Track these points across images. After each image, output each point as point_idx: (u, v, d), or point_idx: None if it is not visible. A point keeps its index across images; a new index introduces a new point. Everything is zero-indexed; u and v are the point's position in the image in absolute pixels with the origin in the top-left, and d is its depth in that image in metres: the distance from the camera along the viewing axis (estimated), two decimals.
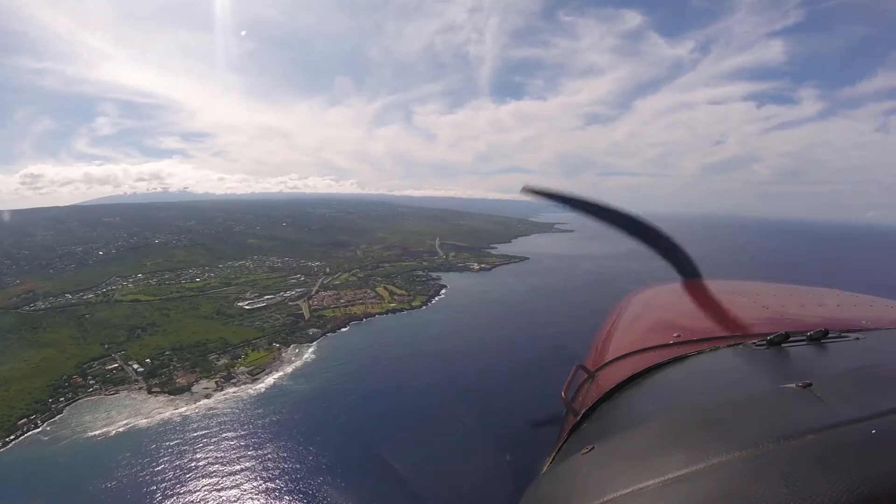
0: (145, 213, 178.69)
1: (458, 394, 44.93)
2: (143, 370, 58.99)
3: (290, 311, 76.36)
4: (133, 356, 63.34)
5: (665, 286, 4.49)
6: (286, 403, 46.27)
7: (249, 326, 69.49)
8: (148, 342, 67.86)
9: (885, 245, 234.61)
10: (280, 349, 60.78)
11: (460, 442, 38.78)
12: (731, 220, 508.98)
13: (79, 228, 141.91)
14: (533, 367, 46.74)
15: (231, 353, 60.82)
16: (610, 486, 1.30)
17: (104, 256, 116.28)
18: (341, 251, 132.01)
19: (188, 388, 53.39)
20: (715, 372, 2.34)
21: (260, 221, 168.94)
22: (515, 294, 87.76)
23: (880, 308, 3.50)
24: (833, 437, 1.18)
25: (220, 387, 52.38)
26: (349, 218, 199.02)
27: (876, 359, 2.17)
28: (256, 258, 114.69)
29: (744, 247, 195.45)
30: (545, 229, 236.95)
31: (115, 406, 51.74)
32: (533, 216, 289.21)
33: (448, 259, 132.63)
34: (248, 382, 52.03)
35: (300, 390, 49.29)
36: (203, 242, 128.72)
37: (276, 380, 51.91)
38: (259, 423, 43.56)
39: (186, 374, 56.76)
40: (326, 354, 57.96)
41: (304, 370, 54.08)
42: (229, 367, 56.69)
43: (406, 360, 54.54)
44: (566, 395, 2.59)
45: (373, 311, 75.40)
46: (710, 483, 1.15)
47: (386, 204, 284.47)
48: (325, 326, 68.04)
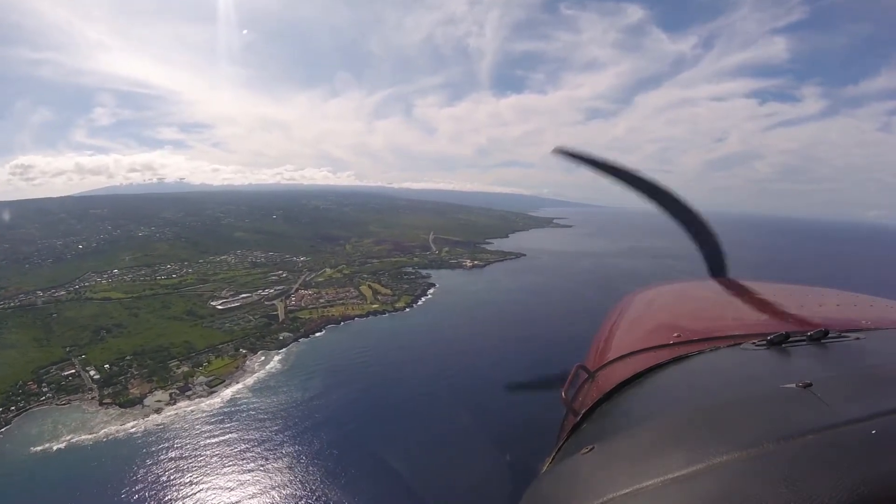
0: (136, 204, 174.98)
1: (431, 417, 40.53)
2: (100, 377, 55.87)
3: (266, 311, 72.05)
4: (93, 361, 60.05)
5: (665, 286, 4.50)
6: (238, 423, 42.07)
7: (219, 329, 65.27)
8: (111, 345, 64.23)
9: (888, 245, 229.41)
10: (245, 356, 56.51)
11: (434, 470, 34.65)
12: (736, 218, 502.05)
13: (64, 221, 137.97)
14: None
15: (193, 360, 56.69)
16: (610, 486, 1.29)
17: (83, 250, 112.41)
18: (330, 246, 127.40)
19: (140, 400, 49.61)
20: (715, 372, 2.32)
21: (250, 214, 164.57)
22: (506, 295, 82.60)
23: (880, 308, 3.44)
24: (833, 437, 1.17)
25: (174, 400, 48.28)
26: (343, 211, 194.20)
27: (876, 359, 2.16)
28: (240, 253, 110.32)
29: (762, 247, 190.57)
30: (544, 224, 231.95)
31: (64, 418, 48.48)
32: (532, 210, 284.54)
33: (441, 255, 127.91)
34: (204, 396, 47.77)
35: (256, 408, 44.86)
36: (187, 236, 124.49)
37: (234, 393, 47.57)
38: (203, 445, 39.37)
39: (142, 384, 52.84)
40: (294, 363, 53.49)
41: (267, 382, 49.65)
42: (188, 376, 52.55)
43: (378, 373, 50.16)
44: (566, 395, 2.55)
45: (352, 314, 70.83)
46: (710, 483, 1.15)
47: (383, 196, 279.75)
48: (298, 330, 63.69)
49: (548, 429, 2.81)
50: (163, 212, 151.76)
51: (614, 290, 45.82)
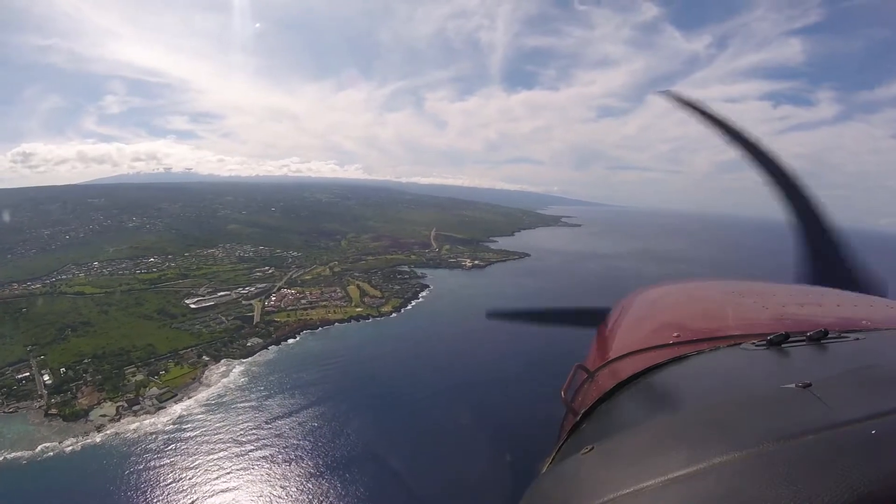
0: (136, 194, 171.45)
1: (393, 455, 34.53)
2: (52, 383, 52.09)
3: (242, 311, 66.75)
4: (51, 363, 56.35)
5: (665, 286, 4.36)
6: (176, 450, 36.69)
7: (187, 331, 60.13)
8: (72, 346, 59.91)
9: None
10: (206, 365, 51.13)
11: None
12: (746, 221, 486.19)
13: (57, 211, 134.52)
14: (508, 417, 35.92)
15: (151, 367, 51.71)
16: (610, 486, 1.29)
17: (69, 241, 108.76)
18: (325, 240, 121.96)
19: (86, 413, 45.20)
20: (715, 372, 2.31)
21: (248, 205, 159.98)
22: (502, 301, 75.78)
23: (880, 308, 3.37)
24: (833, 437, 1.17)
25: (119, 415, 43.30)
26: (346, 204, 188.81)
27: (876, 359, 2.11)
28: (229, 247, 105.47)
29: (773, 251, 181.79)
30: (551, 222, 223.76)
31: (6, 428, 44.97)
32: (540, 208, 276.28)
33: (440, 253, 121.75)
34: (150, 412, 42.48)
35: (201, 431, 39.26)
36: (179, 227, 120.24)
37: (183, 410, 42.10)
38: (129, 477, 33.81)
39: (92, 393, 48.30)
40: (255, 376, 47.82)
41: (221, 398, 44.05)
42: (140, 386, 47.49)
43: (344, 391, 44.27)
44: (566, 395, 2.56)
45: (332, 318, 65.01)
46: (711, 483, 1.14)
47: (389, 190, 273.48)
48: (269, 336, 58.12)
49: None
50: (158, 202, 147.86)
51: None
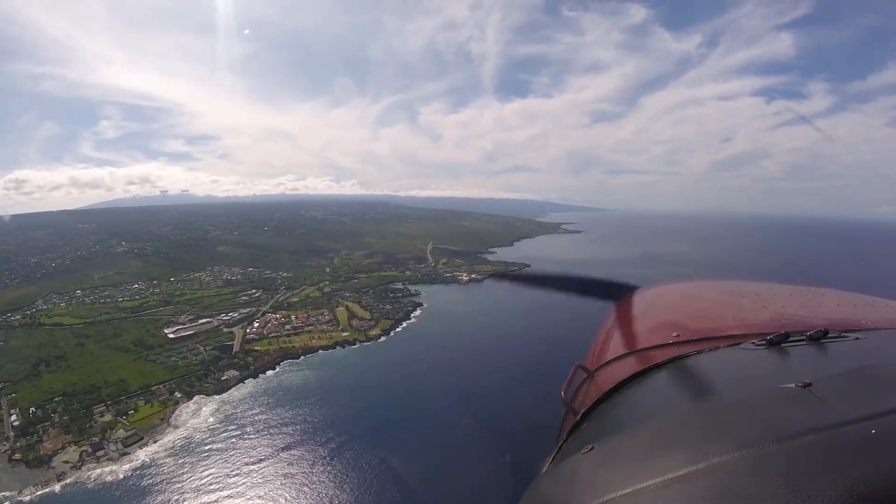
0: (128, 218, 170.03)
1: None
2: (21, 423, 49.18)
3: (221, 340, 63.64)
4: (20, 401, 53.46)
5: (665, 286, 4.36)
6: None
7: (162, 364, 56.96)
8: (45, 382, 56.99)
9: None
10: (178, 402, 47.81)
11: None
12: (744, 220, 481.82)
13: (46, 237, 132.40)
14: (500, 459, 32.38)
15: (121, 406, 48.53)
16: (610, 486, 1.29)
17: (56, 268, 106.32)
18: (317, 259, 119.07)
19: (50, 458, 42.31)
20: (715, 372, 2.30)
21: (241, 226, 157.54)
22: (497, 318, 71.80)
23: (880, 308, 3.44)
24: (833, 437, 1.17)
25: (82, 461, 40.09)
26: (342, 220, 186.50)
27: (876, 359, 2.15)
28: (216, 269, 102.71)
29: (774, 249, 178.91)
30: (551, 230, 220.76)
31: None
32: (539, 216, 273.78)
33: (437, 267, 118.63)
34: (114, 459, 39.12)
35: (162, 483, 35.59)
36: (167, 251, 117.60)
37: (147, 456, 38.60)
38: None
39: (58, 435, 45.33)
40: (227, 416, 44.28)
41: (189, 442, 40.52)
42: (107, 428, 44.32)
43: (320, 430, 40.82)
44: (566, 395, 2.54)
45: (316, 345, 61.63)
46: (710, 483, 1.14)
47: (386, 205, 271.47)
48: (247, 368, 54.75)
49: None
50: (148, 226, 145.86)
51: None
